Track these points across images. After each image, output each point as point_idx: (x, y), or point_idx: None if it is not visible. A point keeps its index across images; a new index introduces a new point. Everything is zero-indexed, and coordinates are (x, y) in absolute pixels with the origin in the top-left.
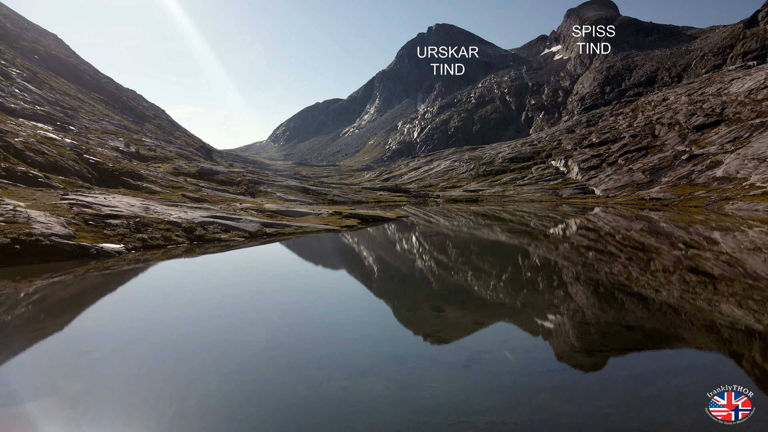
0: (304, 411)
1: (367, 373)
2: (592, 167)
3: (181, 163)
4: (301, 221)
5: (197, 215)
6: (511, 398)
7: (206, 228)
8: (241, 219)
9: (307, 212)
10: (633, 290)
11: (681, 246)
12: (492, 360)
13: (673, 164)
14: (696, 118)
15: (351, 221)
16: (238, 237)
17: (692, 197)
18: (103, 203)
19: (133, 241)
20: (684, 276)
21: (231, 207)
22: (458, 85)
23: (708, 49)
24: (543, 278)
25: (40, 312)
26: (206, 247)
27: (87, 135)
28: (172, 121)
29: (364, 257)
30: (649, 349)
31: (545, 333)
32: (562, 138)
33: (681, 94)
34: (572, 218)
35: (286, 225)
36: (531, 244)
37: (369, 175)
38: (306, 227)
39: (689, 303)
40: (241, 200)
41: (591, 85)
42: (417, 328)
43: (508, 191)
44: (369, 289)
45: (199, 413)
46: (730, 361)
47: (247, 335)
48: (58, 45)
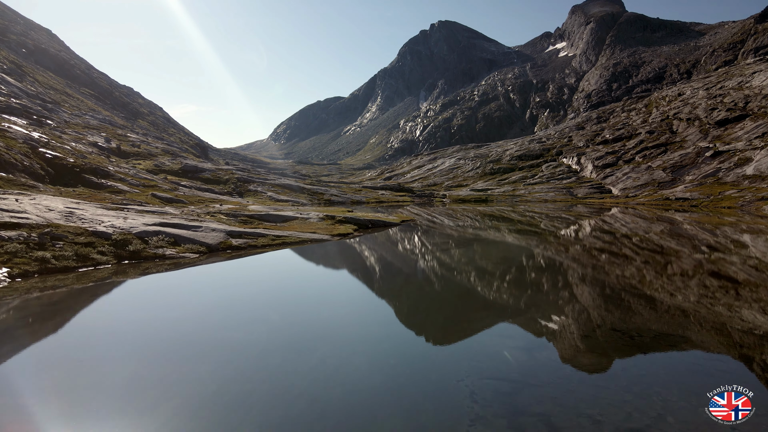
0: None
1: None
2: (607, 165)
3: (165, 160)
4: (283, 228)
5: (140, 222)
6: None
7: (147, 240)
8: (201, 227)
9: (292, 216)
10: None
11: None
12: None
13: (696, 161)
14: (717, 112)
15: (345, 228)
16: (189, 253)
17: (723, 197)
18: (4, 208)
19: (26, 263)
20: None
21: (208, 209)
22: (461, 83)
23: (718, 44)
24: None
25: None
26: (143, 267)
27: (64, 129)
28: (169, 119)
29: (355, 297)
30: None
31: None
32: (573, 135)
33: (698, 89)
34: (606, 223)
35: (261, 234)
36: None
37: (370, 173)
38: (286, 237)
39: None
40: (222, 201)
41: (597, 82)
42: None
43: (518, 190)
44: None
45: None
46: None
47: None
48: (51, 40)
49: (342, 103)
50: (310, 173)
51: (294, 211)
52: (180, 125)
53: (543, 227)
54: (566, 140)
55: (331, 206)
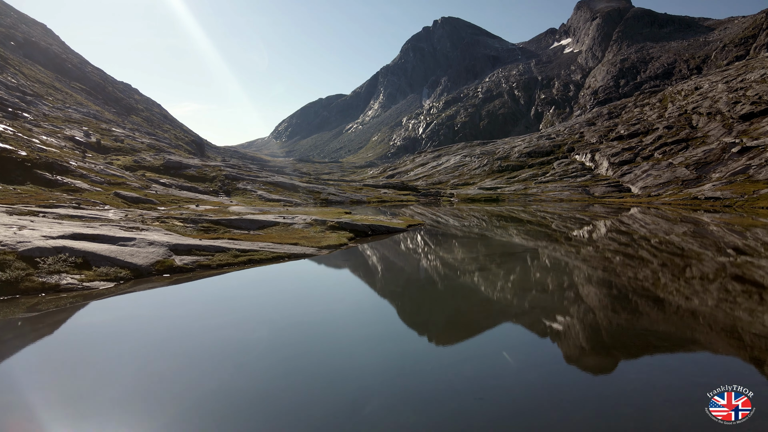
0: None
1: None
2: (624, 162)
3: (146, 156)
4: (255, 238)
5: (39, 235)
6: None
7: (40, 262)
8: (135, 239)
9: (272, 221)
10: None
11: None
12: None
13: (721, 158)
14: (741, 106)
15: (338, 236)
16: (102, 280)
17: (758, 196)
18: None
19: None
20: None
21: (180, 210)
22: (464, 80)
23: (729, 39)
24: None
25: None
26: (23, 304)
27: (39, 122)
28: (166, 115)
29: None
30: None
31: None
32: (584, 131)
33: (716, 82)
34: (638, 223)
35: (220, 249)
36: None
37: (372, 171)
38: (255, 252)
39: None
40: (201, 200)
41: (604, 78)
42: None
43: (530, 189)
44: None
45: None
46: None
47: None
48: (45, 34)
49: (344, 100)
50: (311, 171)
51: (277, 214)
52: (178, 122)
53: (613, 240)
54: (577, 136)
55: (328, 206)
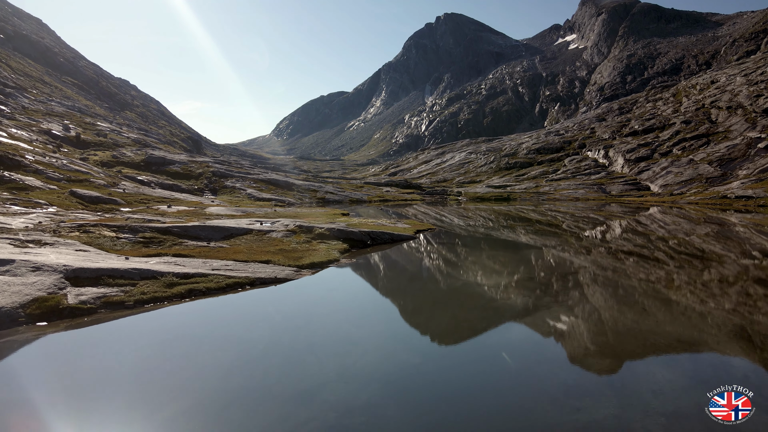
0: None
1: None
2: (641, 158)
3: (127, 151)
4: (214, 254)
5: None
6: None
7: None
8: (14, 262)
9: (244, 228)
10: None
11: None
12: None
13: (747, 154)
14: (764, 100)
15: (326, 249)
16: None
17: None
18: None
19: None
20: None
21: (148, 211)
22: (468, 77)
23: (738, 34)
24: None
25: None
26: None
27: (15, 115)
28: (163, 112)
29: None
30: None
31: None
32: (595, 126)
33: (734, 75)
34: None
35: (151, 274)
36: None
37: (374, 169)
38: (205, 276)
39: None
40: (176, 200)
41: (611, 74)
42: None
43: (541, 187)
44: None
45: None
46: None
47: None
48: (40, 29)
49: (345, 98)
50: (311, 169)
51: (257, 218)
52: (177, 119)
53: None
54: (588, 132)
55: (325, 206)
